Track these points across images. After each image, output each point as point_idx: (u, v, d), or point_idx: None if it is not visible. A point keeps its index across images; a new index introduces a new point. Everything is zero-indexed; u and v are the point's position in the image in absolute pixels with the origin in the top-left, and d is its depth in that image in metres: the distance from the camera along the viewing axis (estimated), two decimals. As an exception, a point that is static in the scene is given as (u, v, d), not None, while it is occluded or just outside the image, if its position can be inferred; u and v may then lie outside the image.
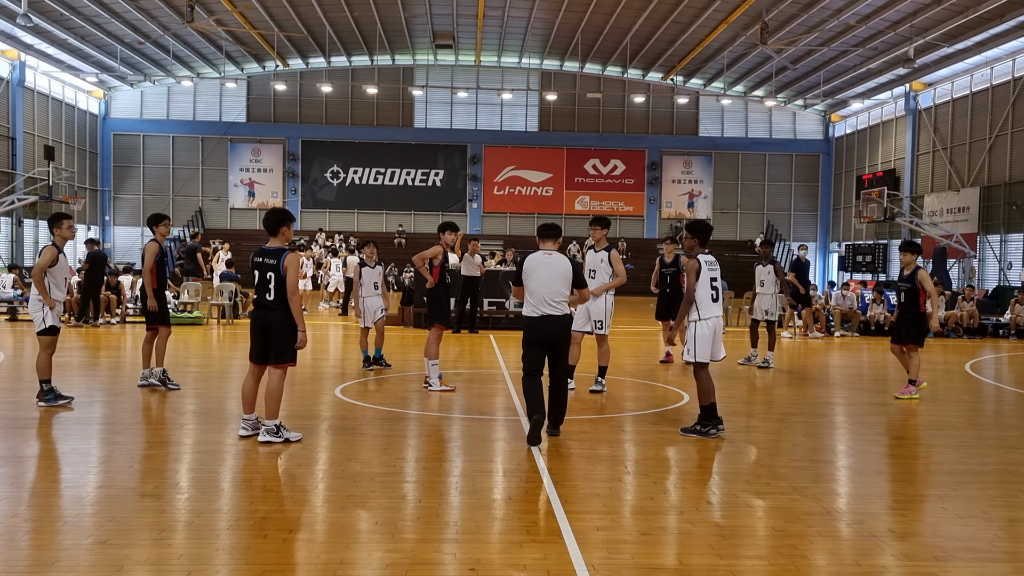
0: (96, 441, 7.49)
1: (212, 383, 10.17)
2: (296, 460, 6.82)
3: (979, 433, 8.72)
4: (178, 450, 7.20)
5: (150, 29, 36.22)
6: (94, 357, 13.61)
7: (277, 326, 7.15)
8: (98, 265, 18.74)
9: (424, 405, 9.36)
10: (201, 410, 8.91)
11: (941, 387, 11.99)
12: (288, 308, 7.14)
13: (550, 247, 7.84)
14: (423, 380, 10.55)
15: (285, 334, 7.16)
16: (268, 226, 7.33)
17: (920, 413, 9.78)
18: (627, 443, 7.75)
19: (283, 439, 7.25)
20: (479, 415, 8.81)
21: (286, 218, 7.34)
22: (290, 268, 7.08)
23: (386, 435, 7.73)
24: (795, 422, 8.93)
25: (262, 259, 7.18)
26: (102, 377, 11.49)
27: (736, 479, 6.53)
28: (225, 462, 6.76)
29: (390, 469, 6.56)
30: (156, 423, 8.22)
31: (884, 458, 7.43)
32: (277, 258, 7.13)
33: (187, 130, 45.04)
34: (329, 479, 6.31)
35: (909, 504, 5.97)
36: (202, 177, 45.41)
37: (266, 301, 7.19)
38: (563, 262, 7.72)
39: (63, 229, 9.11)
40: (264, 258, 7.18)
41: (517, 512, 5.53)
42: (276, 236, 7.31)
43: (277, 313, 7.16)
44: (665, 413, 9.22)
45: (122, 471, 6.37)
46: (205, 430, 8.01)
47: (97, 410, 8.91)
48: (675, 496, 6.01)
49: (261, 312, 7.26)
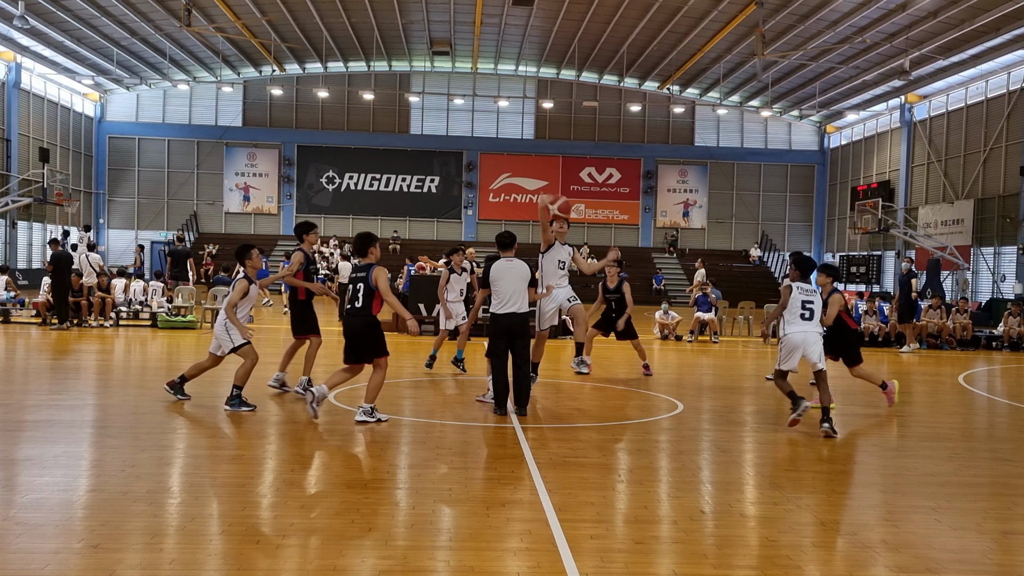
0: (88, 445, 7.46)
1: (205, 387, 10.13)
2: (289, 465, 6.80)
3: (972, 445, 8.73)
4: (171, 454, 7.18)
5: (147, 32, 36.22)
6: (93, 359, 13.56)
7: (364, 330, 8.39)
8: (63, 266, 18.23)
9: (417, 411, 9.35)
10: (195, 416, 8.88)
11: (934, 399, 12.01)
12: (371, 313, 8.38)
13: (510, 254, 9.33)
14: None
15: (372, 334, 8.40)
16: (357, 248, 8.63)
17: (912, 424, 9.79)
18: (621, 452, 7.74)
19: (376, 419, 8.35)
20: (471, 422, 8.80)
21: (371, 240, 8.64)
22: (379, 278, 8.38)
23: (380, 441, 7.72)
24: (790, 432, 8.93)
25: (355, 275, 8.55)
26: (92, 380, 11.45)
27: (730, 489, 6.53)
28: (218, 467, 6.73)
29: (383, 475, 6.54)
30: (149, 427, 8.19)
31: (878, 469, 7.43)
32: (366, 272, 8.43)
33: (183, 134, 45.02)
34: (323, 485, 6.29)
35: (902, 515, 5.97)
36: (197, 181, 45.39)
37: (355, 308, 8.44)
38: (523, 267, 9.21)
39: (253, 259, 9.39)
40: (357, 273, 8.54)
41: (511, 520, 5.51)
42: (365, 256, 8.59)
43: (364, 319, 8.39)
44: (660, 422, 9.22)
45: (114, 475, 6.34)
46: (199, 434, 7.98)
47: (88, 414, 8.88)
48: (668, 505, 6.01)
49: (351, 319, 8.47)
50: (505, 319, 9.06)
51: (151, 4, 32.90)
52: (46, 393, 10.18)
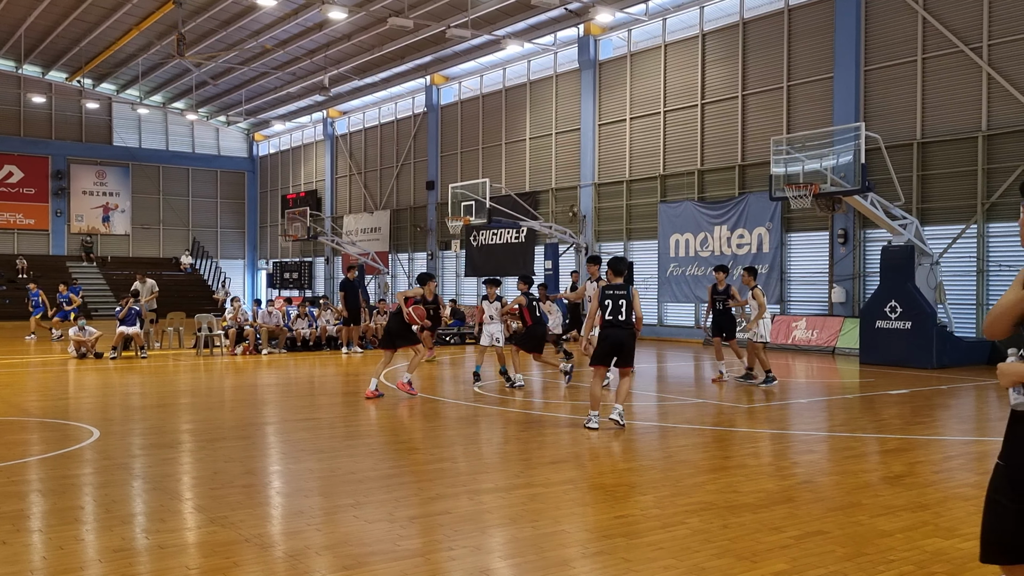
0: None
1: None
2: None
3: (387, 439, 9.39)
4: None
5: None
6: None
7: (628, 340, 9.53)
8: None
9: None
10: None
11: (360, 398, 12.72)
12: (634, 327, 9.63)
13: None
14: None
15: (633, 346, 9.61)
16: (617, 268, 9.76)
17: (338, 425, 10.21)
18: (12, 498, 6.55)
19: (623, 424, 9.40)
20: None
21: (630, 264, 9.86)
22: (636, 297, 9.68)
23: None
24: (218, 448, 8.58)
25: (613, 291, 9.59)
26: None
27: (152, 518, 5.93)
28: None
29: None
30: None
31: (306, 474, 7.50)
32: (626, 290, 9.61)
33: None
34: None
35: (327, 517, 6.05)
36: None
37: (619, 320, 9.52)
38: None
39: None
40: (615, 291, 9.60)
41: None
42: (620, 276, 9.74)
43: (628, 330, 9.53)
44: (70, 455, 8.09)
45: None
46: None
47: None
48: (77, 550, 5.19)
49: (613, 330, 9.51)
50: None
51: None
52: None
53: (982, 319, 18.07)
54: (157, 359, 18.38)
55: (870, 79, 20.02)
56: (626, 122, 26.00)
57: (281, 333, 20.42)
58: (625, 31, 26.16)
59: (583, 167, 27.12)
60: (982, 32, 17.99)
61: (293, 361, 18.26)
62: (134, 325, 18.69)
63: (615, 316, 9.50)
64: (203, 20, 30.12)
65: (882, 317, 17.19)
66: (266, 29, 30.64)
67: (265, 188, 46.90)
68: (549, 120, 28.64)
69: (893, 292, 17.06)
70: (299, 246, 41.81)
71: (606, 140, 26.74)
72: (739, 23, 22.94)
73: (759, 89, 22.47)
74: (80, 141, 42.63)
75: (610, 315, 9.51)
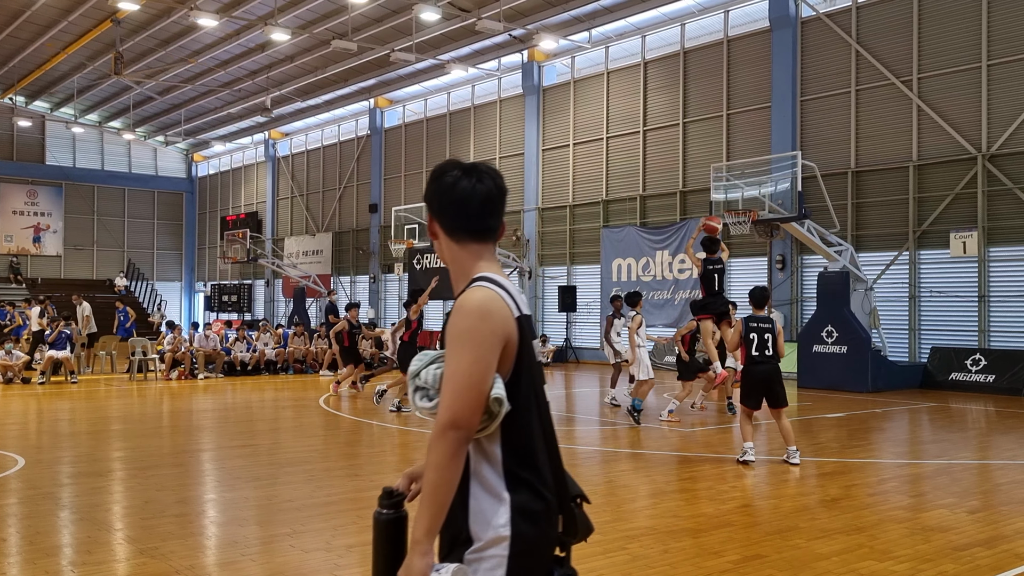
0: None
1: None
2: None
3: (328, 465, 9.22)
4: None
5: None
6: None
7: (775, 376, 8.95)
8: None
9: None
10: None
11: (299, 423, 12.48)
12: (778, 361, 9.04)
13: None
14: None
15: (782, 382, 9.05)
16: (759, 299, 9.26)
17: (278, 451, 9.99)
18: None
19: (798, 462, 8.83)
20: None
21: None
22: (780, 331, 9.17)
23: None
24: (151, 476, 8.31)
25: (758, 324, 9.06)
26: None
27: (79, 550, 5.69)
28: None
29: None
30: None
31: (242, 503, 7.30)
32: (771, 323, 9.13)
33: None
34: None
35: (263, 546, 5.89)
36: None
37: (765, 356, 8.94)
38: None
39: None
40: (759, 323, 9.07)
41: None
42: (762, 308, 9.25)
43: (774, 366, 8.97)
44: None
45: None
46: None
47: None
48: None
49: (761, 367, 8.97)
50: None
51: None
52: None
53: (915, 344, 18.58)
54: (88, 384, 17.82)
55: (806, 109, 20.56)
56: (569, 147, 26.23)
57: (218, 357, 19.98)
58: (568, 58, 26.46)
59: (527, 191, 27.25)
60: (912, 66, 18.64)
61: (231, 386, 17.87)
62: (64, 349, 18.10)
63: (761, 352, 8.89)
64: (142, 39, 29.57)
65: (819, 342, 17.54)
66: (207, 49, 30.21)
67: (204, 209, 46.06)
68: (493, 144, 28.75)
69: (830, 317, 17.43)
70: (238, 268, 41.09)
71: (550, 165, 26.92)
72: (680, 52, 23.39)
73: (699, 117, 22.89)
74: (11, 160, 41.40)
75: (756, 351, 8.88)
